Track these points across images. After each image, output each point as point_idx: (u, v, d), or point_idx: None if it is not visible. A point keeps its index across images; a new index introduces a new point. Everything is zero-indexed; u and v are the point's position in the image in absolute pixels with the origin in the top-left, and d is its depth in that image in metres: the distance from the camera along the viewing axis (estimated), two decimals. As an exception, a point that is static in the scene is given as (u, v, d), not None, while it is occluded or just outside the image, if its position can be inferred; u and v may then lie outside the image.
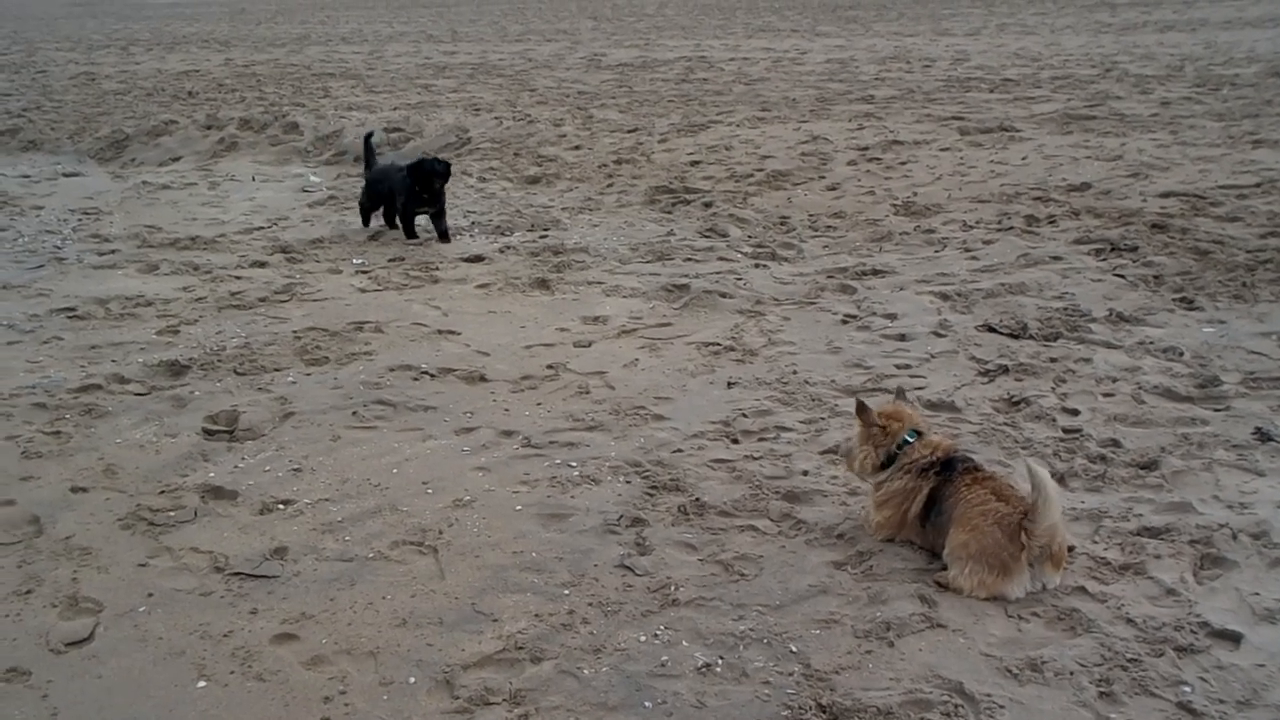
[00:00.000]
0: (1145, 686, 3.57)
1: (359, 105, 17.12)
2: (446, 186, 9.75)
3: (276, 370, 6.53)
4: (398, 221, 10.03)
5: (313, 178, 13.02)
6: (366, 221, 10.36)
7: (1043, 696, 3.55)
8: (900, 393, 4.74)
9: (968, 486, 4.20)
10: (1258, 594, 4.06)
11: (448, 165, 9.62)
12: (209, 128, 15.64)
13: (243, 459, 5.40)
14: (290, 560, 4.47)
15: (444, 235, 9.80)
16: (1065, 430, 5.50)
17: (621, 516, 4.74)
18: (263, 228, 10.38)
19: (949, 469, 4.33)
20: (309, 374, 6.48)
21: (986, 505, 4.09)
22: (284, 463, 5.35)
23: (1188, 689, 3.55)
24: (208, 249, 9.57)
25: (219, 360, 6.67)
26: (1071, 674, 3.65)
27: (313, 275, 8.69)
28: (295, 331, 7.20)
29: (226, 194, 12.11)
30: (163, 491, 5.06)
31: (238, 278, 8.61)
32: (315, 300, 7.99)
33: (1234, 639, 3.80)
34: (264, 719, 3.54)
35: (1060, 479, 4.96)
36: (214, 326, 7.37)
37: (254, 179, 13.01)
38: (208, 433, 5.69)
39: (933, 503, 4.31)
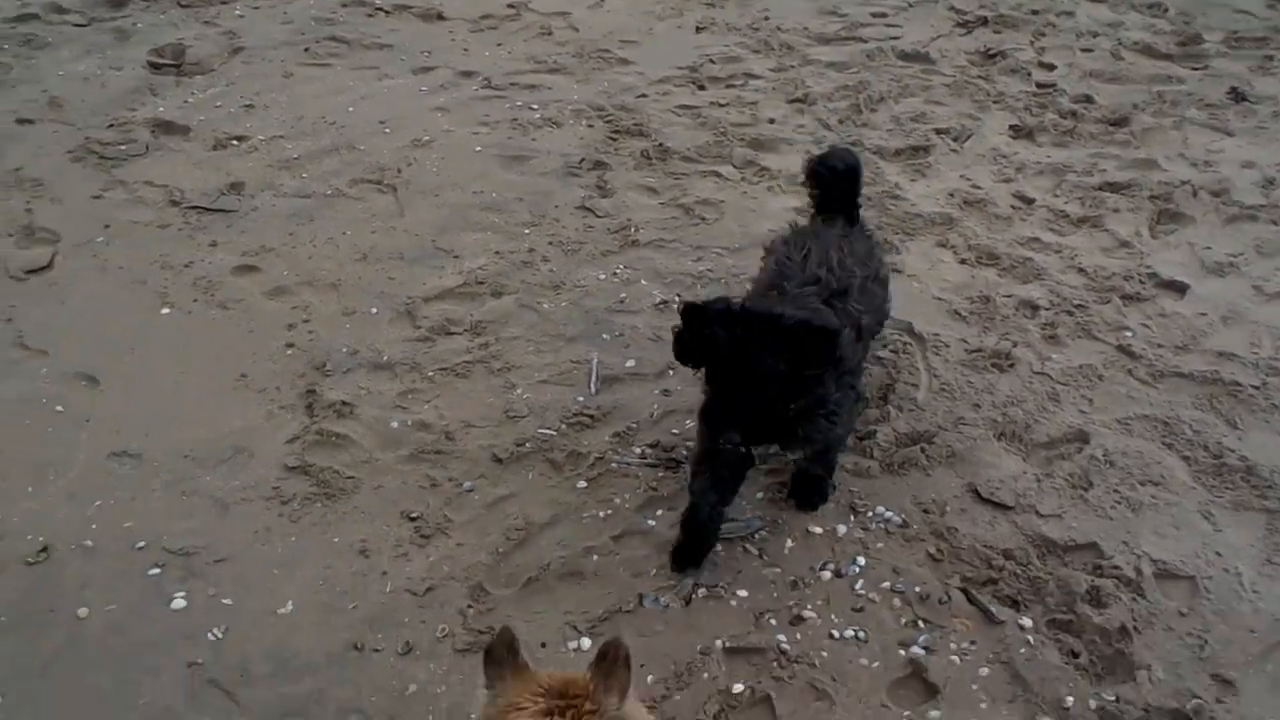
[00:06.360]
0: (1089, 330, 3.67)
1: None
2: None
3: (223, 3, 6.19)
4: None
5: None
6: None
7: (988, 336, 3.64)
8: None
9: None
10: (1210, 248, 4.11)
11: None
12: None
13: (192, 94, 5.22)
14: (247, 195, 4.40)
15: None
16: (1039, 85, 5.38)
17: (583, 159, 4.67)
18: None
19: None
20: (257, 7, 6.16)
21: None
22: (235, 99, 5.17)
23: (1129, 334, 3.65)
24: None
25: (161, -10, 6.31)
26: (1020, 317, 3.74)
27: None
28: (242, -38, 6.79)
29: None
30: (111, 125, 4.91)
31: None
32: (262, -70, 7.48)
33: (1180, 289, 3.88)
34: (230, 341, 3.60)
35: (1029, 134, 4.91)
36: (155, -46, 6.91)
37: None
38: (154, 66, 5.46)
39: None
